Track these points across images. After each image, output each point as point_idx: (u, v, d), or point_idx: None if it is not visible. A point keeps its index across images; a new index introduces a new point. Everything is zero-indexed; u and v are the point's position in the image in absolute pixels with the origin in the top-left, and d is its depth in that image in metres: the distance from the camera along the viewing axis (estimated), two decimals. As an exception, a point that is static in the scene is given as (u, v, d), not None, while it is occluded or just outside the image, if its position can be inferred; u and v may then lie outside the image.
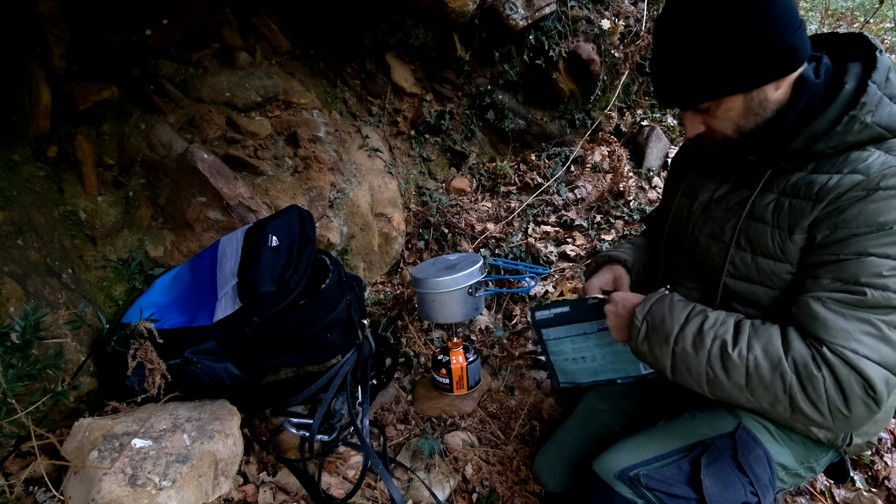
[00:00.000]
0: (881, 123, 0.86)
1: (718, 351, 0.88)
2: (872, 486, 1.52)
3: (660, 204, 1.42)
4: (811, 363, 0.82)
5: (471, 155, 2.84)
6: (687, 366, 0.92)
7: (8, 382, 0.96)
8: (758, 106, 0.91)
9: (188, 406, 1.32)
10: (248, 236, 1.50)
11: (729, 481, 0.96)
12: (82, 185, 1.71)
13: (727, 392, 0.90)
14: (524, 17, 2.54)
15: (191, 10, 2.00)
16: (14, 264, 1.34)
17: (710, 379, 0.90)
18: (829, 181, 0.88)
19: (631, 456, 1.03)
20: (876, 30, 3.94)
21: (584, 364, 1.22)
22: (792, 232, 0.91)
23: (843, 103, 0.88)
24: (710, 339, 0.90)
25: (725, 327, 0.91)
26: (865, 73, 0.89)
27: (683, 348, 0.91)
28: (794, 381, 0.83)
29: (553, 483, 1.26)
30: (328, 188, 2.09)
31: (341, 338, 1.46)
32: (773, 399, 0.86)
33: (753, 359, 0.86)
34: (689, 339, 0.91)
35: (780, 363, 0.84)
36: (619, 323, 1.05)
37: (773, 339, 0.86)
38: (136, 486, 1.07)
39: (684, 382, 0.94)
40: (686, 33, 0.89)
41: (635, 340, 0.98)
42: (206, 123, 1.94)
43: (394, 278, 2.36)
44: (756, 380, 0.86)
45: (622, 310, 1.05)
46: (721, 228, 1.03)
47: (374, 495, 1.39)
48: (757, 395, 0.87)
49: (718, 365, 0.88)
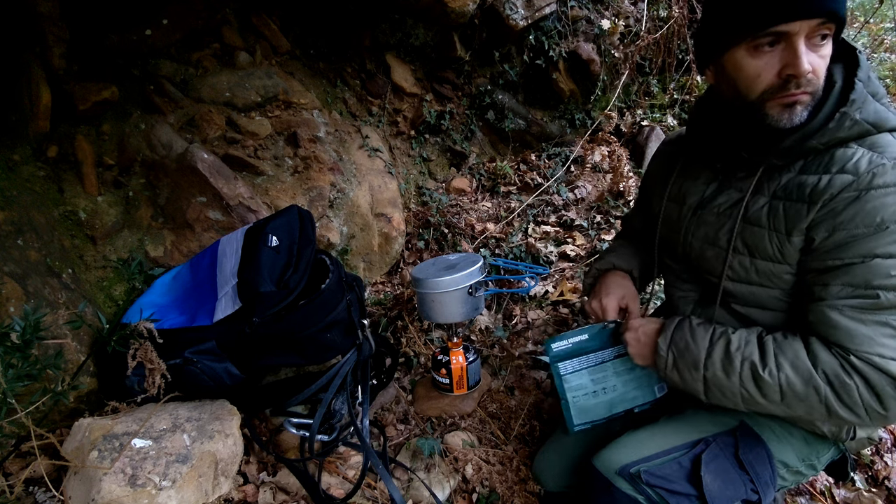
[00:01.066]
0: (868, 120, 0.87)
1: (749, 373, 0.90)
2: (872, 486, 1.52)
3: (638, 206, 1.40)
4: (842, 372, 0.84)
5: (471, 155, 2.84)
6: (720, 389, 0.93)
7: (8, 382, 0.96)
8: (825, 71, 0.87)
9: (188, 406, 1.32)
10: (248, 236, 1.50)
11: (729, 478, 0.97)
12: (82, 185, 1.71)
13: (763, 407, 0.92)
14: (524, 17, 2.54)
15: (191, 10, 2.00)
16: (14, 264, 1.34)
17: (746, 398, 0.92)
18: (819, 182, 0.88)
19: (632, 452, 1.03)
20: (876, 30, 3.94)
21: (605, 396, 1.19)
22: (790, 234, 0.92)
23: (835, 101, 0.89)
24: (739, 362, 0.91)
25: (751, 348, 0.92)
26: (849, 72, 0.91)
27: (714, 373, 0.93)
28: (829, 391, 0.85)
29: (553, 483, 1.26)
30: (328, 188, 2.09)
31: (341, 338, 1.46)
32: (809, 408, 0.88)
33: (785, 377, 0.87)
34: (717, 364, 0.93)
35: (811, 377, 0.86)
36: (642, 350, 1.06)
37: (799, 354, 0.88)
38: (136, 486, 1.07)
39: (719, 403, 0.96)
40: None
41: (663, 370, 1.00)
42: (206, 123, 1.94)
43: (394, 278, 2.36)
44: (791, 395, 0.88)
45: (644, 337, 1.06)
46: (716, 233, 1.03)
47: (374, 495, 1.39)
48: (793, 407, 0.89)
49: (752, 386, 0.90)
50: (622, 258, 1.30)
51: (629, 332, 1.09)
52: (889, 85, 3.36)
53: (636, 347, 1.07)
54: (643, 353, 1.06)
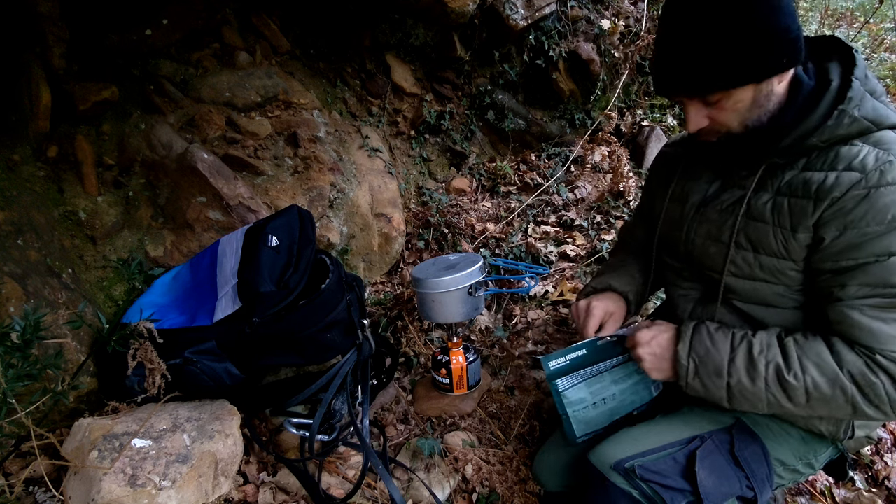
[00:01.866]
0: (867, 117, 0.88)
1: (775, 376, 0.90)
2: (872, 486, 1.52)
3: (640, 210, 1.40)
4: (867, 371, 0.85)
5: (471, 155, 2.84)
6: (744, 395, 0.93)
7: (8, 382, 0.96)
8: (764, 98, 0.90)
9: (188, 406, 1.32)
10: (248, 236, 1.50)
11: (724, 475, 0.97)
12: (82, 185, 1.71)
13: (787, 411, 0.92)
14: (524, 17, 2.53)
15: (191, 10, 2.00)
16: (14, 264, 1.34)
17: (772, 402, 0.92)
18: (825, 179, 0.89)
19: (627, 448, 1.04)
20: (876, 30, 3.94)
21: (605, 406, 1.17)
22: (795, 230, 0.92)
23: (832, 99, 0.90)
24: (763, 367, 0.91)
25: (774, 351, 0.92)
26: (846, 71, 0.91)
27: (739, 380, 0.92)
28: (855, 391, 0.86)
29: (552, 483, 1.26)
30: (328, 188, 2.09)
31: (341, 338, 1.46)
32: (834, 408, 0.89)
33: (811, 380, 0.88)
34: (742, 371, 0.92)
35: (837, 378, 0.86)
36: (659, 364, 1.03)
37: (822, 356, 0.88)
38: (136, 486, 1.07)
39: (741, 408, 0.95)
40: (700, 19, 0.86)
41: (685, 379, 0.98)
42: (206, 123, 1.94)
43: (394, 278, 2.36)
44: (817, 397, 0.88)
45: (659, 349, 1.03)
46: (718, 229, 1.03)
47: (374, 495, 1.39)
48: (818, 409, 0.90)
49: (777, 390, 0.90)
50: (619, 280, 1.26)
51: (642, 348, 1.05)
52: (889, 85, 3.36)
53: (653, 362, 1.03)
54: (661, 367, 1.03)
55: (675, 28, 0.90)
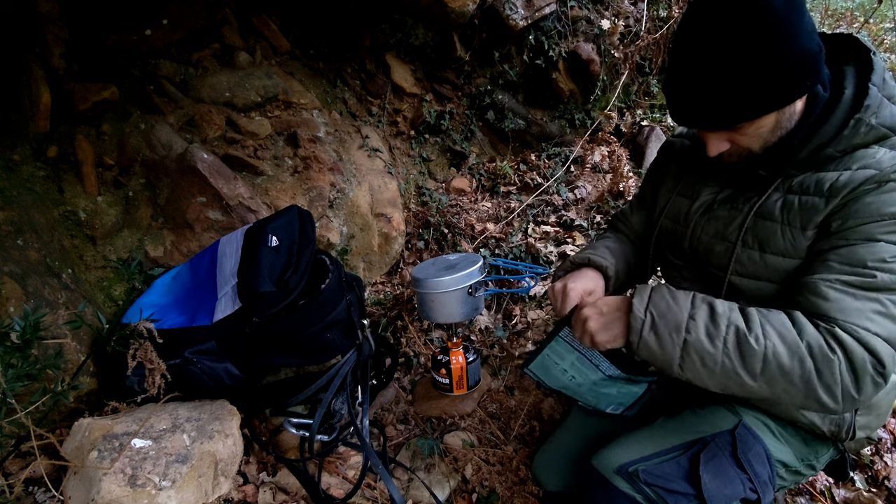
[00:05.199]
0: (885, 124, 0.87)
1: (734, 339, 0.84)
2: (872, 486, 1.52)
3: (639, 199, 1.33)
4: (825, 346, 0.81)
5: (471, 155, 2.84)
6: (700, 355, 0.85)
7: (8, 382, 0.96)
8: (787, 120, 0.89)
9: (188, 406, 1.32)
10: (248, 236, 1.50)
11: (727, 477, 0.97)
12: (82, 185, 1.71)
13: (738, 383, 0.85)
14: (524, 17, 2.54)
15: (191, 10, 2.00)
16: (14, 264, 1.34)
17: (725, 369, 0.84)
18: (839, 177, 0.88)
19: (630, 452, 1.03)
20: (876, 30, 3.94)
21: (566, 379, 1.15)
22: (805, 228, 0.91)
23: (846, 108, 0.89)
24: (725, 327, 0.85)
25: (736, 315, 0.86)
26: (862, 76, 0.90)
27: (697, 337, 0.85)
28: (812, 366, 0.80)
29: (552, 483, 1.26)
30: (328, 188, 2.09)
31: (341, 338, 1.46)
32: (787, 386, 0.82)
33: (772, 346, 0.82)
34: (701, 328, 0.86)
35: (798, 348, 0.81)
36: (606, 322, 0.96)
37: (785, 324, 0.84)
38: (136, 486, 1.07)
39: (692, 375, 0.87)
40: (721, 50, 0.82)
41: (639, 333, 0.89)
42: (206, 123, 1.94)
43: (394, 278, 2.36)
44: (774, 366, 0.82)
45: (606, 307, 0.97)
46: (726, 227, 1.02)
47: (374, 495, 1.39)
48: (772, 384, 0.83)
49: (735, 354, 0.83)
50: (601, 255, 1.21)
51: (587, 309, 0.99)
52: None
53: (598, 320, 0.96)
54: (608, 325, 0.95)
55: (694, 58, 0.86)
